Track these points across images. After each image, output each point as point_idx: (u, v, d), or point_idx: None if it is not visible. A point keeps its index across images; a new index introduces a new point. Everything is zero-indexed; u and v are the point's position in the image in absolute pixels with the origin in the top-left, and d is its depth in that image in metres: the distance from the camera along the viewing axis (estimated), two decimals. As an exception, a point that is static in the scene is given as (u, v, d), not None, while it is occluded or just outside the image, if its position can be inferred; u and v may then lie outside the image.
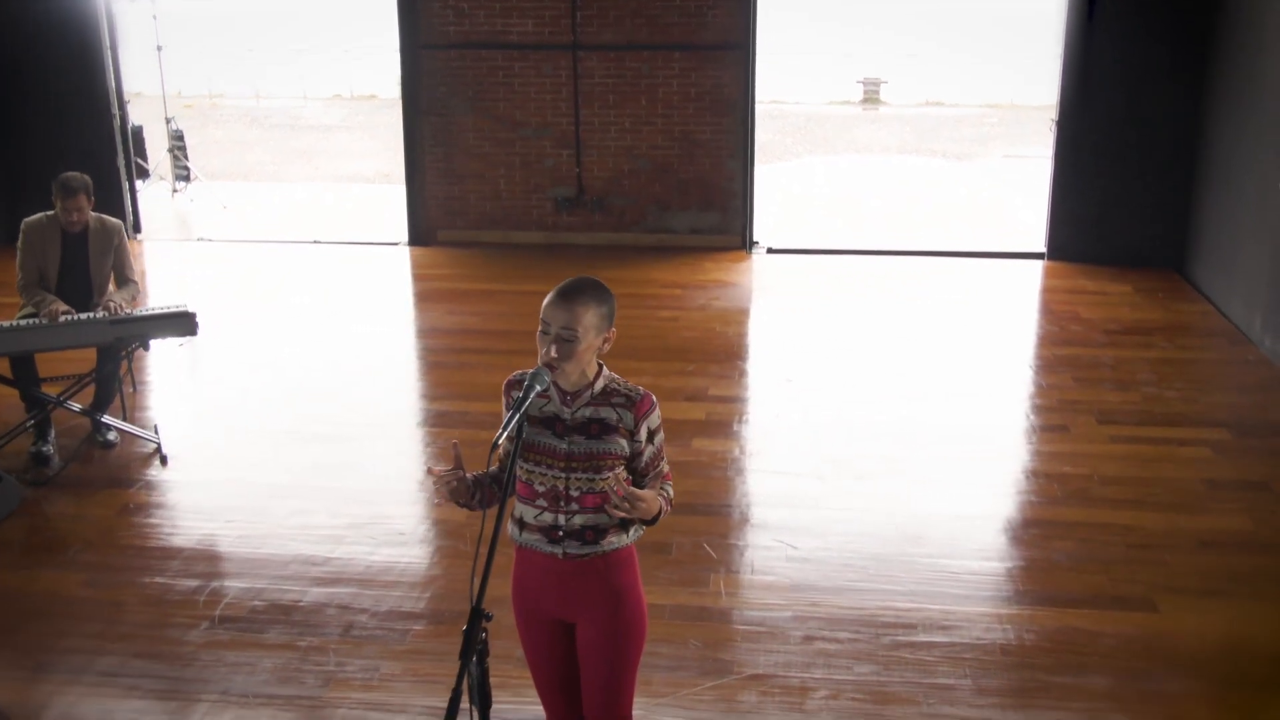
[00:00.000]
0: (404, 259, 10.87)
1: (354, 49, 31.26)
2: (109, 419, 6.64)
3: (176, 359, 8.04)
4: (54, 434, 6.60)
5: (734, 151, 10.80)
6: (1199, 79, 9.75)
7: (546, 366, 3.06)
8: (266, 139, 20.72)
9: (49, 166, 7.88)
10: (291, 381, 7.75)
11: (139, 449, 6.60)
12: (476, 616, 2.88)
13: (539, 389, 3.02)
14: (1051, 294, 9.68)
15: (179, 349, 8.00)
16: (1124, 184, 10.13)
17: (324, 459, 6.53)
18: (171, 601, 5.07)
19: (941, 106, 25.74)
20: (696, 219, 10.97)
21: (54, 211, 6.41)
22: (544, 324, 3.08)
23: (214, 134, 20.84)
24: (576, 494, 3.14)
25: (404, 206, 11.26)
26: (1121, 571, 5.28)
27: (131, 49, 12.04)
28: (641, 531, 3.28)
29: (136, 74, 12.99)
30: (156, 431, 6.64)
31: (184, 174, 13.89)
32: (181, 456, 6.51)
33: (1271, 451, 6.60)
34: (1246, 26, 8.93)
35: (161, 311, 6.36)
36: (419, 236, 11.19)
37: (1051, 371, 7.84)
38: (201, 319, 6.44)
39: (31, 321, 6.17)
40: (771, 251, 10.95)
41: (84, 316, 6.21)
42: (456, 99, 10.88)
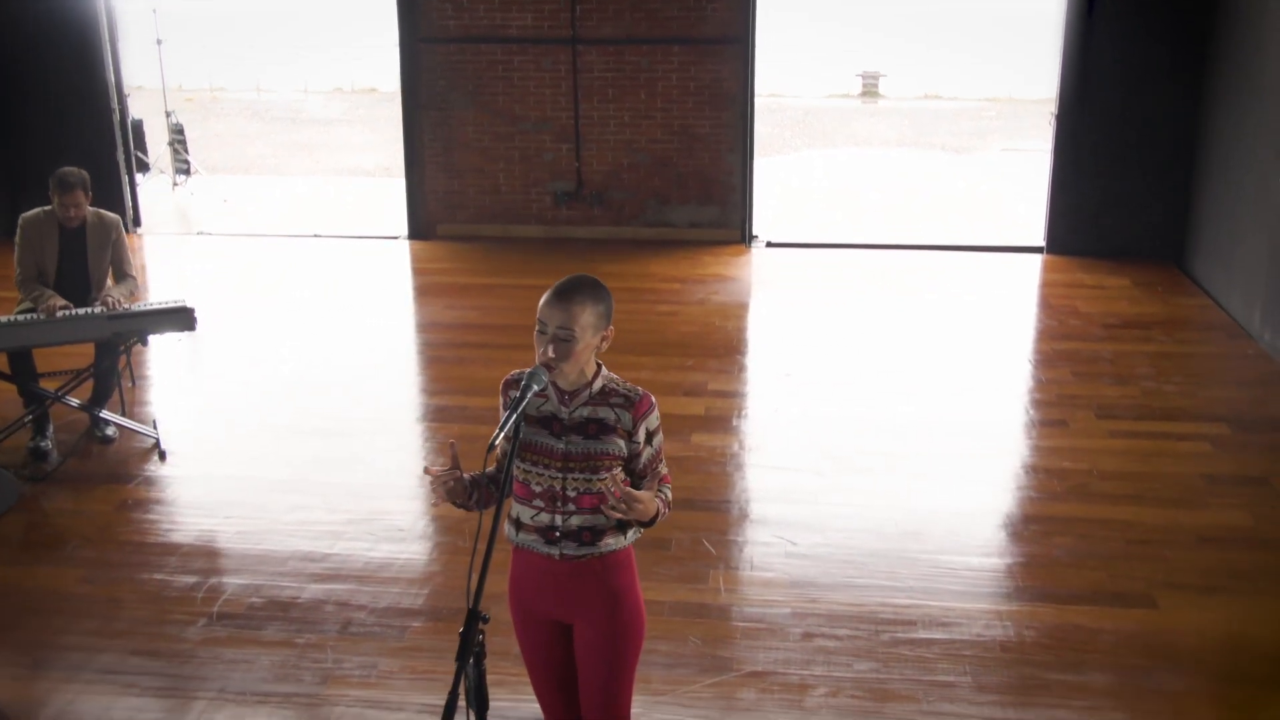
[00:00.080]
0: (404, 253, 10.86)
1: (354, 45, 31.18)
2: (108, 414, 6.63)
3: (176, 354, 8.04)
4: (52, 429, 6.58)
5: (733, 145, 10.78)
6: (1198, 73, 9.73)
7: (544, 366, 3.03)
8: (267, 132, 20.70)
9: (49, 161, 7.86)
10: (291, 376, 7.74)
11: (138, 444, 6.60)
12: (473, 619, 2.85)
13: (536, 389, 2.99)
14: (1050, 288, 9.67)
15: (178, 343, 8.01)
16: (1122, 177, 10.12)
17: (323, 454, 6.52)
18: (169, 598, 5.07)
19: (940, 100, 25.72)
20: (696, 213, 10.95)
21: (51, 207, 6.40)
22: (540, 324, 3.05)
23: (215, 127, 20.82)
24: (573, 494, 3.12)
25: (404, 200, 11.26)
26: (1121, 567, 5.27)
27: (132, 43, 12.01)
28: (639, 534, 3.26)
29: (138, 67, 12.97)
30: (155, 426, 6.63)
31: (184, 168, 13.87)
32: (180, 452, 6.50)
33: (1271, 447, 6.59)
34: (1246, 21, 8.91)
35: (159, 307, 6.35)
36: (419, 230, 11.18)
37: (1050, 366, 7.83)
38: (201, 313, 6.43)
39: (29, 317, 6.16)
40: (770, 245, 10.93)
41: (82, 312, 6.19)
42: (456, 93, 10.87)
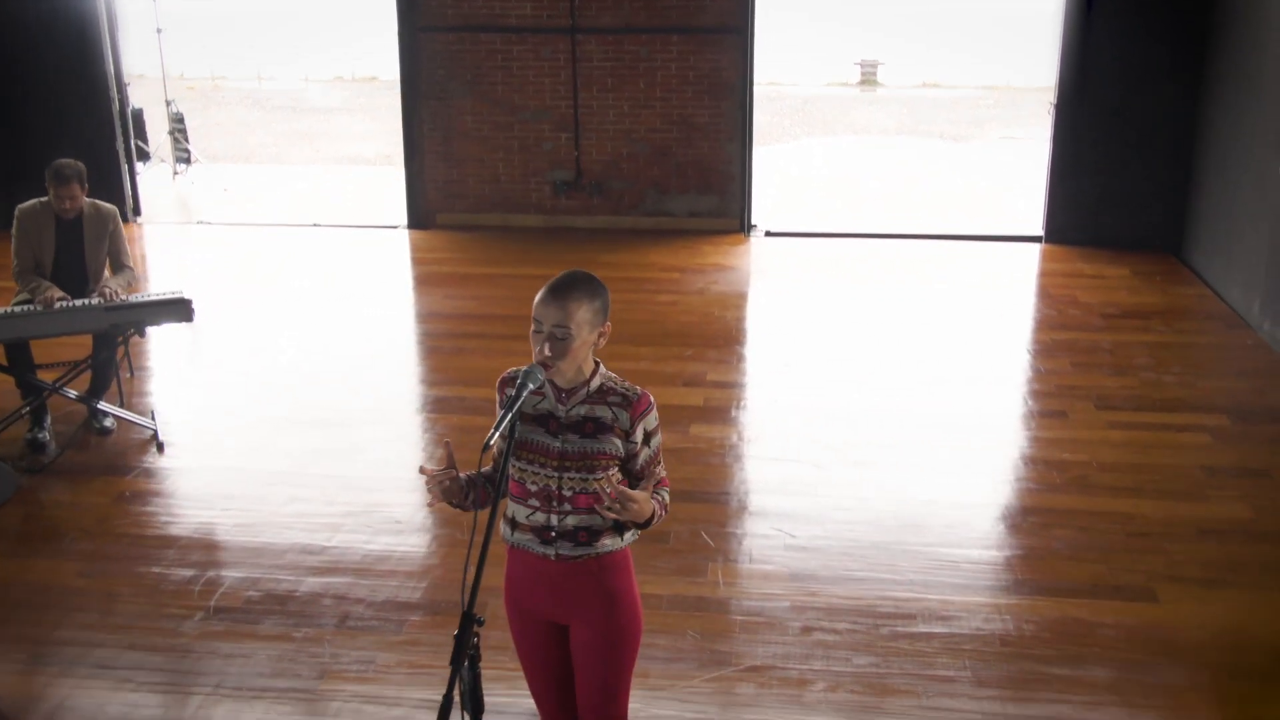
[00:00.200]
0: (403, 242, 10.83)
1: (353, 31, 31.12)
2: (106, 405, 6.61)
3: (175, 344, 8.01)
4: (50, 420, 6.57)
5: (732, 134, 10.75)
6: (1197, 72, 9.68)
7: (541, 365, 2.99)
8: (268, 121, 20.66)
9: (48, 150, 7.83)
10: (290, 366, 7.72)
11: (136, 435, 6.58)
12: (467, 621, 2.83)
13: (532, 387, 2.94)
14: (1049, 277, 9.65)
15: (178, 329, 7.97)
16: (1121, 167, 10.09)
17: (322, 445, 6.51)
18: (167, 591, 5.05)
19: (938, 88, 25.66)
20: (695, 202, 10.92)
21: (48, 198, 6.37)
22: (536, 322, 3.00)
23: (215, 116, 20.78)
24: (569, 494, 3.08)
25: (403, 190, 11.22)
26: (1121, 560, 5.26)
27: (132, 31, 11.98)
28: (636, 535, 3.22)
29: (138, 56, 12.94)
30: (154, 418, 6.61)
31: (184, 156, 13.85)
32: (179, 443, 6.49)
33: (1271, 438, 6.57)
34: (1245, 14, 8.87)
35: (157, 298, 6.33)
36: (418, 220, 11.15)
37: (1049, 356, 7.81)
38: (200, 303, 6.42)
39: (26, 308, 6.14)
40: (769, 235, 10.91)
41: (79, 303, 6.17)
42: (455, 82, 10.83)
